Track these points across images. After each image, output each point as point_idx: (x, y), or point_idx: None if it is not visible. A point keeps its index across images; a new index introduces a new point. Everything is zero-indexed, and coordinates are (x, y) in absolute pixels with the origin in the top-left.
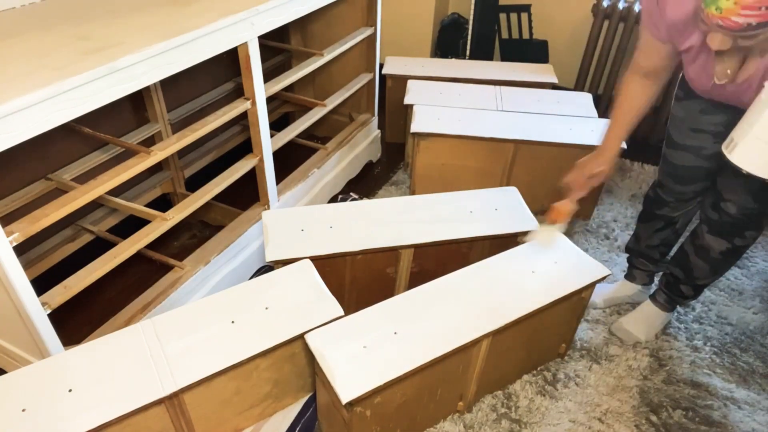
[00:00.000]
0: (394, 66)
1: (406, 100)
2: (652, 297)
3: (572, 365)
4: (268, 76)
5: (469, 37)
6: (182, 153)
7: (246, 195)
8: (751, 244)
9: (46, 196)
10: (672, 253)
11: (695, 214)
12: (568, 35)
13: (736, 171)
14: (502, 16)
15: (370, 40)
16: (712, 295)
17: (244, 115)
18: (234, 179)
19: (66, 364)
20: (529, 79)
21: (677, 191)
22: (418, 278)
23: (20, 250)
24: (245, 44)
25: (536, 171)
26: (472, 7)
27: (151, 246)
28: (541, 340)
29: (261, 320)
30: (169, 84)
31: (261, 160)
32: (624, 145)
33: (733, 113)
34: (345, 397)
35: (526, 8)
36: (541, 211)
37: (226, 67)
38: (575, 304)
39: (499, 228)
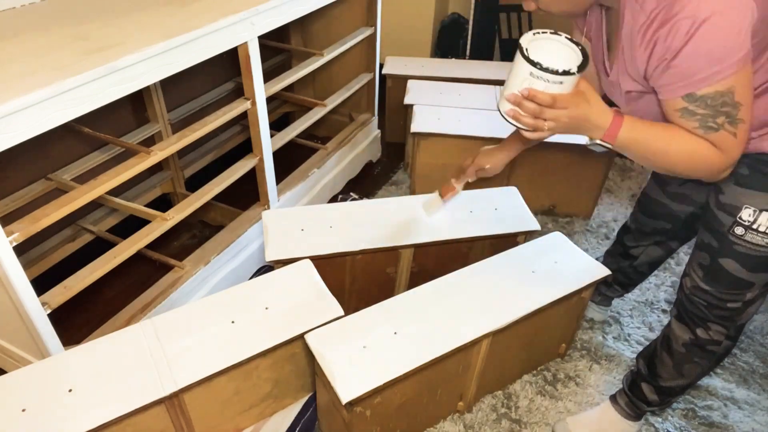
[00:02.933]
0: (394, 66)
1: (406, 100)
2: (613, 398)
3: (572, 365)
4: (268, 76)
5: (469, 37)
6: (182, 153)
7: (246, 195)
8: (722, 351)
9: (46, 196)
10: (628, 290)
11: (656, 260)
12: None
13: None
14: (502, 16)
15: (370, 40)
16: None
17: (244, 115)
18: (234, 179)
19: (66, 364)
20: None
21: (639, 220)
22: (418, 278)
23: (20, 250)
24: (245, 44)
25: (536, 171)
26: (472, 7)
27: (151, 246)
28: (541, 340)
29: (261, 320)
30: (169, 84)
31: (261, 160)
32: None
33: None
34: (345, 397)
35: None
36: (541, 212)
37: (226, 67)
38: (575, 304)
39: (499, 228)
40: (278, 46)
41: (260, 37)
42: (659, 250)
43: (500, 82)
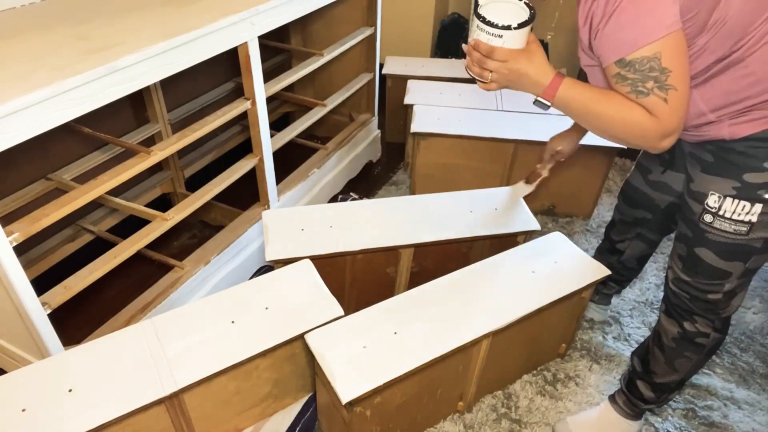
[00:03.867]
0: (394, 66)
1: (406, 100)
2: (611, 398)
3: (572, 365)
4: (268, 76)
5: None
6: (182, 153)
7: (246, 195)
8: (711, 344)
9: (46, 196)
10: (623, 285)
11: (642, 255)
12: (568, 35)
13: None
14: None
15: (370, 40)
16: None
17: (244, 115)
18: (234, 179)
19: (66, 364)
20: None
21: (622, 210)
22: (418, 278)
23: (20, 250)
24: (245, 44)
25: None
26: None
27: (151, 246)
28: (541, 340)
29: (261, 320)
30: (169, 84)
31: (261, 160)
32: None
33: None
34: (345, 397)
35: None
36: (541, 212)
37: (226, 67)
38: (575, 304)
39: (499, 228)
40: (278, 46)
41: (260, 37)
42: (642, 245)
43: None
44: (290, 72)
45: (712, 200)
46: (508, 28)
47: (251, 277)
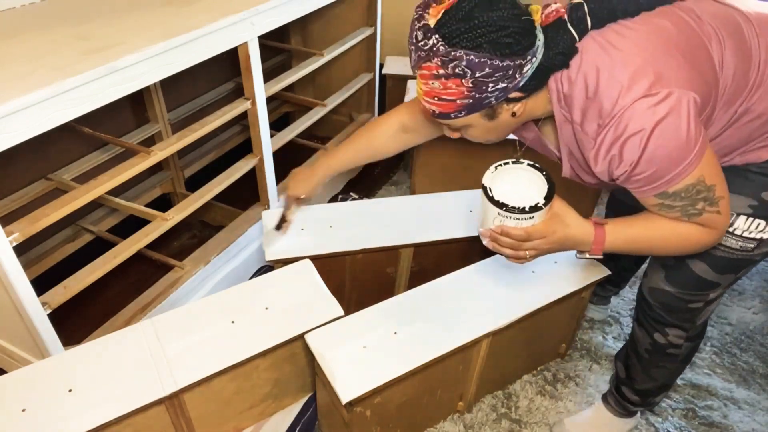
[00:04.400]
0: (394, 66)
1: (406, 100)
2: (604, 397)
3: (572, 365)
4: (268, 76)
5: None
6: (182, 153)
7: (246, 195)
8: (685, 352)
9: (46, 196)
10: (621, 286)
11: (638, 256)
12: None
13: None
14: None
15: (370, 40)
16: None
17: (244, 115)
18: (234, 179)
19: (66, 364)
20: None
21: (615, 208)
22: (418, 278)
23: (20, 250)
24: (245, 44)
25: None
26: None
27: (151, 246)
28: (541, 340)
29: (261, 320)
30: (169, 84)
31: (261, 160)
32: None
33: None
34: (345, 397)
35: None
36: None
37: (226, 67)
38: (575, 304)
39: None
40: (278, 46)
41: (260, 37)
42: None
43: None
44: (290, 72)
45: None
46: (538, 208)
47: (251, 277)
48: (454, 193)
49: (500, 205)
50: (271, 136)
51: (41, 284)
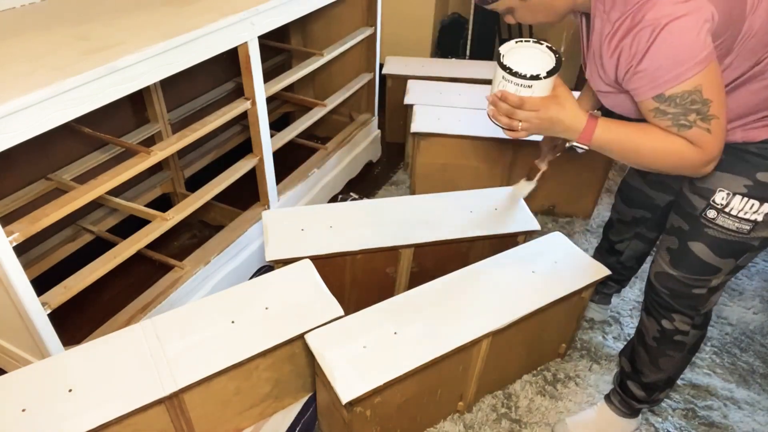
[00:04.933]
0: (394, 66)
1: (406, 100)
2: (607, 397)
3: (572, 365)
4: (268, 76)
5: (469, 37)
6: (182, 153)
7: (246, 195)
8: (692, 341)
9: (46, 196)
10: (622, 285)
11: (641, 254)
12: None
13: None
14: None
15: (370, 40)
16: None
17: (244, 115)
18: (234, 179)
19: (66, 364)
20: None
21: (621, 210)
22: (418, 278)
23: (20, 250)
24: (245, 44)
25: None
26: (472, 7)
27: (151, 246)
28: (541, 340)
29: (261, 320)
30: (169, 84)
31: (261, 160)
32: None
33: None
34: (345, 397)
35: None
36: (541, 212)
37: (226, 67)
38: (575, 304)
39: (499, 228)
40: (278, 46)
41: (260, 37)
42: (641, 244)
43: None
44: (290, 72)
45: (720, 197)
46: (537, 77)
47: (251, 277)
48: (454, 193)
49: (505, 68)
50: (271, 136)
51: (41, 284)
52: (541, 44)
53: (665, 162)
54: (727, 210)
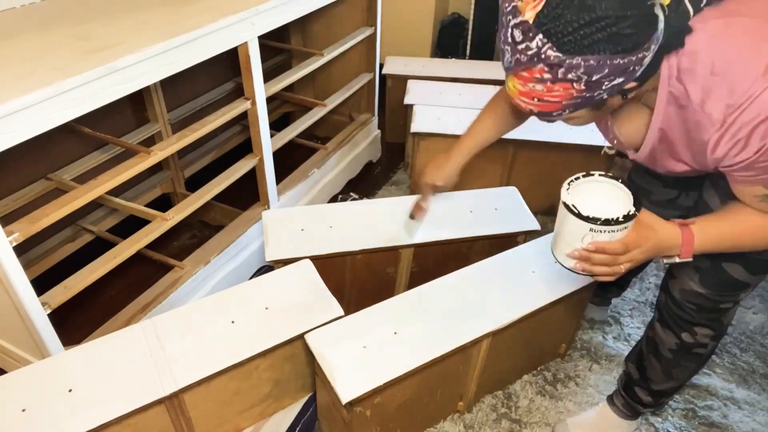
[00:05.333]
0: (394, 66)
1: (406, 100)
2: (610, 399)
3: (572, 365)
4: (268, 76)
5: (469, 37)
6: (182, 153)
7: (246, 195)
8: (709, 352)
9: (46, 196)
10: (624, 288)
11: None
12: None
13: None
14: None
15: (370, 40)
16: None
17: (244, 115)
18: (234, 179)
19: (66, 364)
20: None
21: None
22: (418, 278)
23: (20, 250)
24: (245, 44)
25: (536, 171)
26: (472, 7)
27: (151, 246)
28: (541, 340)
29: (261, 320)
30: (169, 84)
31: (261, 160)
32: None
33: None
34: (345, 397)
35: None
36: (541, 212)
37: (226, 67)
38: (575, 304)
39: (499, 228)
40: (278, 46)
41: (260, 37)
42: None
43: (500, 82)
44: (290, 72)
45: None
46: (632, 216)
47: (251, 277)
48: (455, 193)
49: (592, 221)
50: (271, 136)
51: (41, 284)
52: (593, 174)
53: (763, 242)
54: None
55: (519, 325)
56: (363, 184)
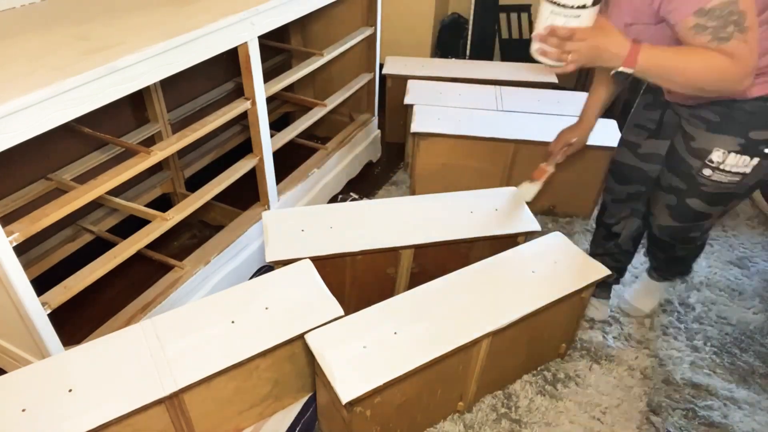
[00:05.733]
0: (394, 66)
1: (406, 100)
2: (649, 272)
3: (572, 365)
4: (268, 76)
5: (469, 37)
6: (182, 153)
7: (246, 195)
8: (705, 237)
9: (46, 196)
10: (621, 273)
11: (637, 233)
12: None
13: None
14: (502, 16)
15: (370, 40)
16: (712, 295)
17: (244, 115)
18: (234, 179)
19: (66, 364)
20: (529, 79)
21: (614, 189)
22: (418, 278)
23: (20, 250)
24: (245, 44)
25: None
26: (472, 7)
27: (151, 246)
28: (541, 340)
29: (261, 320)
30: (169, 84)
31: (261, 160)
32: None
33: (666, 108)
34: (345, 397)
35: (526, 8)
36: (541, 212)
37: (226, 67)
38: (575, 304)
39: (499, 228)
40: (278, 46)
41: (260, 37)
42: (637, 221)
43: (500, 82)
44: (290, 72)
45: (716, 155)
46: (584, 6)
47: (251, 277)
48: (454, 193)
49: (553, 2)
50: (271, 136)
51: (41, 284)
52: None
53: (706, 79)
54: (722, 167)
55: (519, 325)
56: (363, 184)
